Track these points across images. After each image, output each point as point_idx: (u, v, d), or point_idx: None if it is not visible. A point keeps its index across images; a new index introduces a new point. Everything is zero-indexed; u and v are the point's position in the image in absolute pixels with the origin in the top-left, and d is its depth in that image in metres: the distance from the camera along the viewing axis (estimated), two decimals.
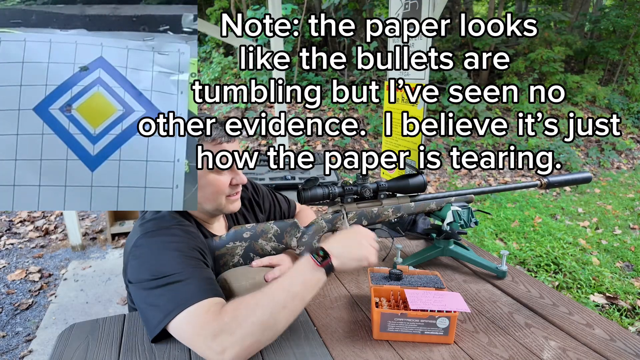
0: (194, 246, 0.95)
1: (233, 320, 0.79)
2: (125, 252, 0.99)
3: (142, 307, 0.88)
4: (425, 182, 1.18)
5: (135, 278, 0.90)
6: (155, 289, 0.85)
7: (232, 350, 0.78)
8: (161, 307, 0.83)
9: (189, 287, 0.84)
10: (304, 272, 0.87)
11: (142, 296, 0.88)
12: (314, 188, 1.10)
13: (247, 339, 0.78)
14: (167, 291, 0.84)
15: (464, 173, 5.50)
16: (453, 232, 1.20)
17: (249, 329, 0.79)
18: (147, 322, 0.87)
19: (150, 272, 0.87)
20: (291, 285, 0.84)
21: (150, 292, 0.86)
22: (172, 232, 0.95)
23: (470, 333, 0.95)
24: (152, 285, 0.86)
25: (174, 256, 0.89)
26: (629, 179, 5.64)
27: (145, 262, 0.90)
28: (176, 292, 0.84)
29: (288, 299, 0.83)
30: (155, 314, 0.84)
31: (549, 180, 1.27)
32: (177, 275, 0.86)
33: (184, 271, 0.87)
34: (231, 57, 7.06)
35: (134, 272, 0.91)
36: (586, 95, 7.43)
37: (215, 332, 0.78)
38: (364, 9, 7.16)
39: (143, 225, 0.97)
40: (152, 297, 0.85)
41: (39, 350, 2.19)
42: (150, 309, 0.85)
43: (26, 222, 3.84)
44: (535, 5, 8.68)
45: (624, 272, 3.03)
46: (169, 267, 0.87)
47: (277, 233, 1.09)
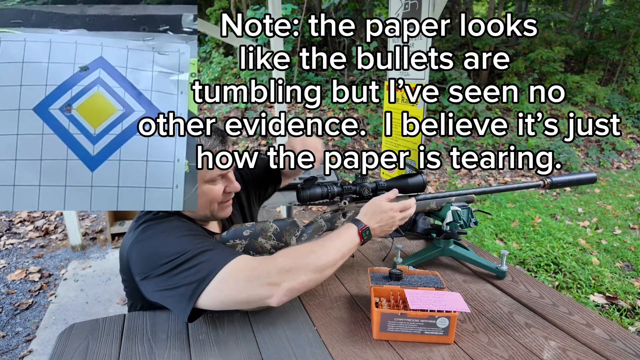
0: (198, 230, 0.98)
1: (288, 261, 0.88)
2: (122, 254, 0.98)
3: (165, 293, 0.87)
4: (425, 182, 1.18)
5: (146, 270, 0.89)
6: (177, 267, 0.86)
7: (287, 283, 0.86)
8: (191, 279, 0.84)
9: (218, 253, 0.88)
10: (352, 241, 1.00)
11: (161, 282, 0.87)
12: (312, 187, 1.10)
13: (300, 276, 0.88)
14: (194, 263, 0.86)
15: (464, 173, 5.50)
16: (453, 232, 1.20)
17: (303, 269, 0.88)
18: (176, 303, 0.87)
19: (165, 256, 0.87)
20: (342, 246, 0.97)
21: (170, 274, 0.86)
22: (172, 222, 0.97)
23: (470, 333, 0.95)
24: (171, 266, 0.86)
25: (184, 237, 0.91)
26: (629, 179, 5.64)
27: (156, 250, 0.90)
28: (205, 260, 0.86)
29: (337, 255, 0.95)
30: (186, 289, 0.84)
31: (552, 180, 1.23)
32: (198, 248, 0.88)
33: (203, 244, 0.89)
34: (231, 57, 7.06)
35: (143, 265, 0.90)
36: (586, 95, 7.43)
37: (269, 271, 0.86)
38: (364, 9, 7.16)
39: (142, 224, 0.97)
40: (175, 277, 0.86)
41: (39, 350, 2.19)
42: (176, 289, 0.85)
43: (26, 222, 3.83)
44: (535, 5, 8.68)
45: (623, 272, 3.03)
46: (185, 246, 0.88)
47: (277, 231, 1.09)
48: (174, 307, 0.88)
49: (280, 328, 0.94)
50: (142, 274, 0.90)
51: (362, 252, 1.40)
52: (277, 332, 0.93)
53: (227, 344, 0.89)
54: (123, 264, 0.99)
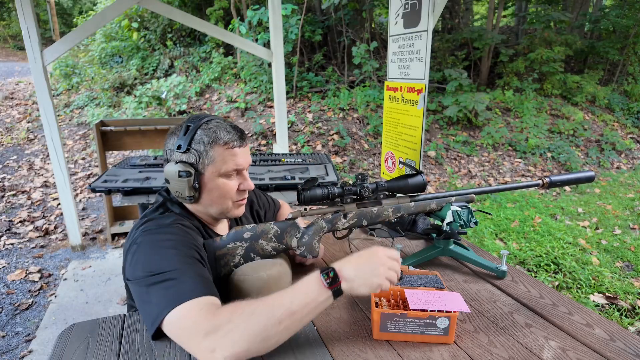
0: (192, 245, 0.96)
1: (228, 323, 0.77)
2: (124, 251, 0.99)
3: (140, 304, 0.89)
4: (425, 182, 1.18)
5: (133, 275, 0.90)
6: (152, 286, 0.86)
7: (222, 351, 0.76)
8: (156, 304, 0.84)
9: (184, 284, 0.84)
10: (307, 292, 0.81)
11: (140, 293, 0.88)
12: (313, 188, 1.10)
13: (237, 345, 0.76)
14: (162, 288, 0.84)
15: (464, 173, 5.50)
16: (453, 232, 1.20)
17: (240, 335, 0.76)
18: (145, 319, 0.87)
19: (147, 269, 0.88)
20: (292, 302, 0.80)
21: (146, 289, 0.86)
22: (170, 230, 0.96)
23: (470, 333, 0.95)
24: (148, 282, 0.86)
25: (170, 254, 0.90)
26: (629, 179, 5.64)
27: (143, 259, 0.90)
28: (171, 289, 0.84)
29: (285, 315, 0.78)
30: (152, 311, 0.84)
31: (551, 179, 1.24)
32: (173, 273, 0.86)
33: (179, 268, 0.87)
34: (231, 57, 7.06)
35: (131, 269, 0.92)
36: (586, 95, 7.42)
37: (208, 331, 0.77)
38: (364, 9, 7.15)
39: (143, 224, 0.98)
40: (148, 294, 0.86)
41: (39, 350, 2.19)
42: (147, 305, 0.86)
43: (26, 222, 3.83)
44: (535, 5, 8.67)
45: (623, 272, 3.03)
46: (165, 264, 0.87)
47: (277, 233, 1.09)
48: (144, 320, 0.88)
49: None
50: (130, 278, 0.92)
51: None
52: None
53: None
54: (123, 262, 0.99)
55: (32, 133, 6.19)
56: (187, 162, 0.99)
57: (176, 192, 1.01)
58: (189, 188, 0.99)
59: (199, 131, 1.00)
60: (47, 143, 3.01)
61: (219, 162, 1.00)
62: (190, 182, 0.99)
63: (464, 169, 5.60)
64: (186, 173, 0.98)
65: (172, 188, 1.01)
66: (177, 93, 6.43)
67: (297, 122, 5.93)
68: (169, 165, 1.00)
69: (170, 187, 1.02)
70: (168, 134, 1.05)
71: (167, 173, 1.00)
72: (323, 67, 7.27)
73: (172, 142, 1.02)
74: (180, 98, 6.41)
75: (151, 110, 6.20)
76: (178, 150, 0.99)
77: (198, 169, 1.00)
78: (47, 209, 4.14)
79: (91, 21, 3.04)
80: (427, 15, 1.69)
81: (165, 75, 7.21)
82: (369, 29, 7.39)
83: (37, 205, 4.21)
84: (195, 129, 1.00)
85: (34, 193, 4.45)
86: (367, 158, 5.51)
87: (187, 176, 0.98)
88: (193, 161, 0.99)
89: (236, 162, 1.02)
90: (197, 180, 1.00)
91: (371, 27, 7.67)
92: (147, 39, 7.79)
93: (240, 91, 6.50)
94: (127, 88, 6.99)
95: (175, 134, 1.02)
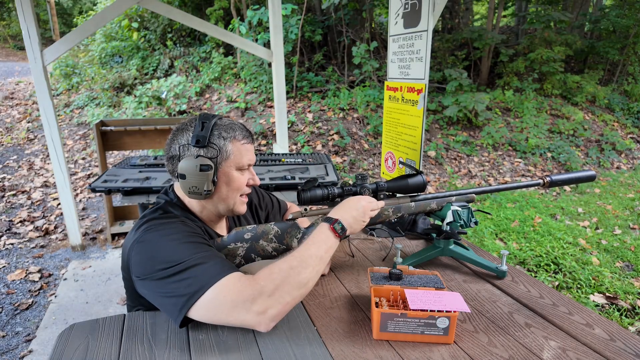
0: (200, 235, 0.98)
1: (270, 283, 0.86)
2: (124, 251, 0.99)
3: (158, 297, 0.89)
4: (425, 182, 1.18)
5: (144, 272, 0.91)
6: (172, 277, 0.87)
7: (272, 309, 0.85)
8: (182, 291, 0.85)
9: (211, 266, 0.88)
10: (326, 240, 0.98)
11: (157, 287, 0.89)
12: (313, 189, 1.10)
13: (285, 298, 0.86)
14: (187, 275, 0.86)
15: (464, 173, 5.50)
16: (453, 232, 1.20)
17: (285, 289, 0.87)
18: (168, 310, 0.88)
19: (163, 262, 0.88)
20: (318, 250, 0.95)
21: (165, 281, 0.87)
22: (175, 225, 0.98)
23: (470, 333, 0.95)
24: (166, 274, 0.87)
25: (184, 244, 0.92)
26: (629, 179, 5.64)
27: (155, 254, 0.91)
28: (197, 275, 0.86)
29: (316, 262, 0.93)
30: (177, 300, 0.86)
31: (552, 178, 1.24)
32: (193, 260, 0.88)
33: (199, 254, 0.90)
34: (231, 57, 7.06)
35: (140, 267, 0.92)
36: (586, 95, 7.42)
37: (254, 296, 0.84)
38: (364, 9, 7.15)
39: (144, 224, 0.98)
40: (169, 286, 0.87)
41: (39, 350, 2.19)
42: (169, 296, 0.87)
43: (26, 222, 3.83)
44: (535, 5, 8.66)
45: (623, 272, 3.03)
46: (182, 255, 0.89)
47: (278, 234, 1.09)
48: (167, 313, 0.90)
49: (280, 328, 0.94)
50: (140, 275, 0.92)
51: (362, 252, 1.40)
52: (277, 332, 0.93)
53: (227, 344, 0.89)
54: (124, 261, 0.99)
55: (32, 133, 6.20)
56: (206, 156, 1.01)
57: (193, 186, 1.01)
58: (209, 182, 1.01)
59: (216, 127, 1.03)
60: (47, 143, 3.01)
61: (236, 157, 1.05)
62: (210, 175, 1.00)
63: (464, 169, 5.59)
64: (207, 167, 1.00)
65: (189, 183, 1.01)
66: (177, 93, 6.43)
67: (297, 122, 5.93)
68: (186, 161, 1.00)
69: (186, 182, 1.01)
70: (175, 131, 1.06)
71: (184, 168, 1.00)
72: (323, 67, 7.26)
73: (186, 138, 1.02)
74: (180, 98, 6.41)
75: (151, 110, 6.20)
76: (197, 145, 1.00)
77: (217, 163, 1.02)
78: (47, 209, 4.14)
79: (91, 21, 3.04)
80: (427, 15, 1.69)
81: (165, 75, 7.21)
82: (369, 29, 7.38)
83: (37, 205, 4.21)
84: (212, 125, 1.02)
85: (34, 193, 4.46)
86: (367, 158, 5.51)
87: (209, 170, 1.00)
88: (213, 155, 1.01)
89: (249, 157, 1.08)
90: (216, 175, 1.02)
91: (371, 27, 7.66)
92: (147, 39, 7.79)
93: (240, 91, 6.50)
94: (127, 88, 6.99)
95: (188, 130, 1.03)
